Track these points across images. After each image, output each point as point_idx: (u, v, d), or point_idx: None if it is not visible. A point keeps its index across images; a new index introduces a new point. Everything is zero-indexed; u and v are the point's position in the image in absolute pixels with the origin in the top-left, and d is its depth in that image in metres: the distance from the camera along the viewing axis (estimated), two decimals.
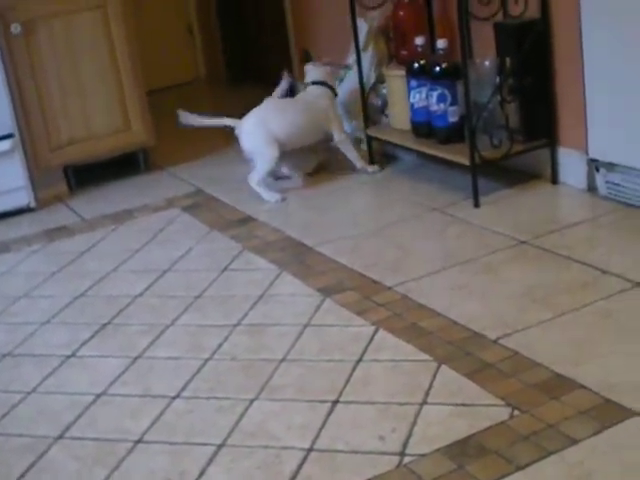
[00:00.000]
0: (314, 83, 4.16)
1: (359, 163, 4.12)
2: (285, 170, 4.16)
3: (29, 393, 2.67)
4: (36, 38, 4.26)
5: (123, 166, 4.61)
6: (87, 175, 4.53)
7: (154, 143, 4.64)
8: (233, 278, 3.27)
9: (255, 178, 3.98)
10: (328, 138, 4.13)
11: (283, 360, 2.64)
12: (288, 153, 4.05)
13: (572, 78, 3.42)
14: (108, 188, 4.49)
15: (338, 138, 4.09)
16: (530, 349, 2.48)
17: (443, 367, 2.46)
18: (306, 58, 4.49)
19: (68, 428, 2.46)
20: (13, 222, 4.20)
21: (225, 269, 3.34)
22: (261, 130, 3.96)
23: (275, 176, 4.14)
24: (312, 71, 4.21)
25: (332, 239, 3.45)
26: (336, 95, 4.18)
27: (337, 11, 4.44)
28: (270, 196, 3.95)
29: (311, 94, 4.14)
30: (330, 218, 3.70)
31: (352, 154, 4.11)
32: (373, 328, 2.73)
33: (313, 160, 4.24)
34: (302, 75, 4.33)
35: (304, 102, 4.13)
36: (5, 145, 4.17)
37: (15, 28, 4.20)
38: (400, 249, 3.29)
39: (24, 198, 4.27)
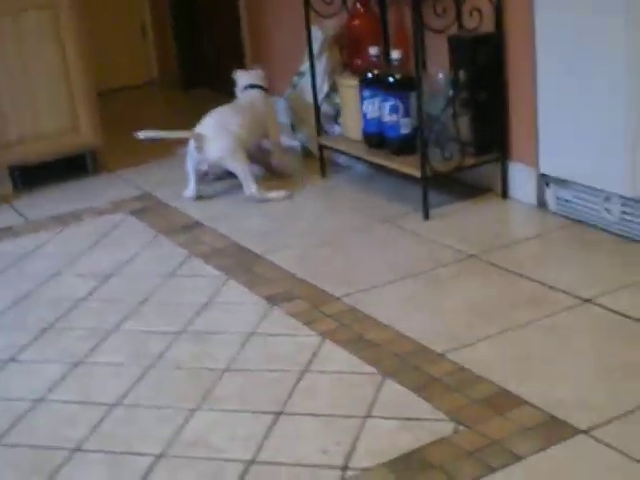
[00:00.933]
0: (248, 87, 4.16)
1: (287, 170, 4.15)
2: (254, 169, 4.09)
3: None
4: None
5: (70, 168, 4.53)
6: (33, 176, 4.45)
7: (102, 145, 4.57)
8: (179, 284, 3.22)
9: (252, 187, 3.87)
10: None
11: (227, 369, 2.60)
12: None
13: (525, 93, 3.43)
14: (55, 190, 4.41)
15: (274, 140, 4.12)
16: (476, 364, 2.47)
17: (389, 380, 2.44)
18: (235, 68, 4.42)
19: (4, 435, 2.40)
20: None
21: (171, 275, 3.29)
22: (225, 134, 3.88)
23: (215, 176, 4.11)
24: (244, 76, 4.23)
25: (280, 247, 3.42)
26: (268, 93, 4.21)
27: (292, 18, 4.42)
28: (277, 195, 3.90)
29: (249, 96, 4.13)
30: (279, 226, 3.67)
31: (283, 160, 4.14)
32: (320, 339, 2.71)
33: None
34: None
35: (246, 103, 4.11)
36: None
37: None
38: (349, 259, 3.27)
39: None
